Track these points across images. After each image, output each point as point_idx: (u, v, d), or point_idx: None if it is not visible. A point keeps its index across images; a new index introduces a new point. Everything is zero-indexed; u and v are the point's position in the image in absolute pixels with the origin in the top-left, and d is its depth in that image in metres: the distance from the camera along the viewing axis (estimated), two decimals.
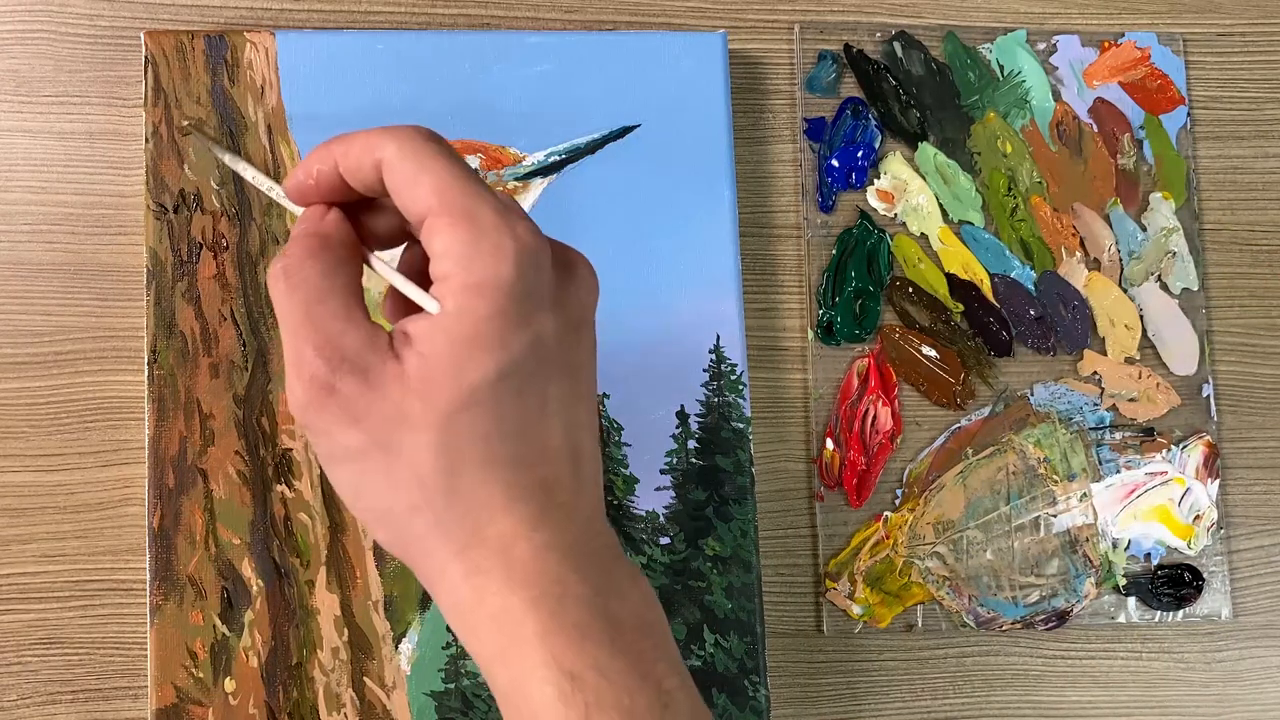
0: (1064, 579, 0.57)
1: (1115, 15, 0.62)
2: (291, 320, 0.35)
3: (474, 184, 0.35)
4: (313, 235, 0.36)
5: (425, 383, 0.33)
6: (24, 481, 0.52)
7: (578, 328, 0.36)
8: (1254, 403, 0.61)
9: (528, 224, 0.35)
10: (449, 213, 0.34)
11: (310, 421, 0.35)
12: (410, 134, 0.35)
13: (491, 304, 0.33)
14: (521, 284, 0.34)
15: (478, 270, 0.33)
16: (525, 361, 0.34)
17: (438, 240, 0.34)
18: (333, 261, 0.35)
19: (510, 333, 0.34)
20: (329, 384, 0.34)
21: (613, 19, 0.58)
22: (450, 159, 0.35)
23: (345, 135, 0.36)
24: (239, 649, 0.50)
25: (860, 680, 0.56)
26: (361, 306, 0.35)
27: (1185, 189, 0.61)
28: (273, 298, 0.35)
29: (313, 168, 0.37)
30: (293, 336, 0.35)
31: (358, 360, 0.34)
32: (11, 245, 0.54)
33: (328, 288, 0.35)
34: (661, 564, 0.53)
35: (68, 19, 0.55)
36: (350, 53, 0.54)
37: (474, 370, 0.33)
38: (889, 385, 0.58)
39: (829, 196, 0.59)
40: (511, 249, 0.34)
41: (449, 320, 0.34)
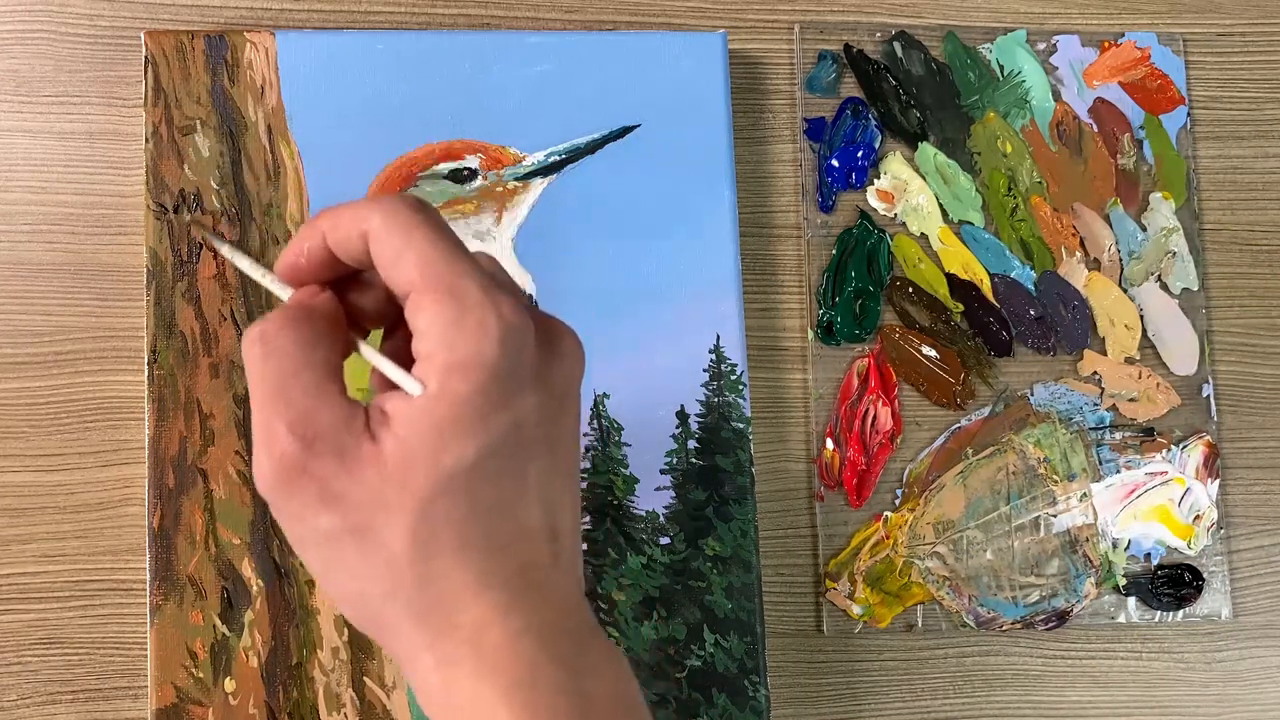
0: (1064, 579, 0.57)
1: (1115, 15, 0.62)
2: (263, 390, 0.33)
3: (459, 258, 0.34)
4: (296, 306, 0.35)
5: (402, 467, 0.33)
6: (24, 481, 0.52)
7: (561, 402, 0.35)
8: (1254, 403, 0.61)
9: (513, 300, 0.34)
10: (433, 288, 0.33)
11: (279, 502, 0.34)
12: (396, 206, 0.34)
13: (473, 384, 0.33)
14: (505, 363, 0.33)
15: (460, 350, 0.33)
16: (505, 442, 0.33)
17: (421, 317, 0.33)
18: (312, 333, 0.34)
19: (491, 414, 0.33)
20: (301, 465, 0.33)
21: (613, 19, 0.58)
22: (436, 231, 0.34)
23: (333, 208, 0.35)
24: (239, 649, 0.50)
25: (860, 680, 0.56)
26: (339, 381, 0.34)
27: (1185, 189, 0.61)
28: (246, 364, 0.34)
29: (303, 245, 0.36)
30: (264, 408, 0.33)
31: (333, 440, 0.33)
32: (11, 245, 0.54)
33: (304, 360, 0.34)
34: (661, 564, 0.53)
35: (68, 19, 0.55)
36: (350, 53, 0.54)
37: (452, 454, 0.33)
38: (889, 385, 0.58)
39: (829, 196, 0.59)
40: (495, 327, 0.33)
41: (429, 402, 0.33)
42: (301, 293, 0.36)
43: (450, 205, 0.54)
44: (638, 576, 0.53)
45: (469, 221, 0.54)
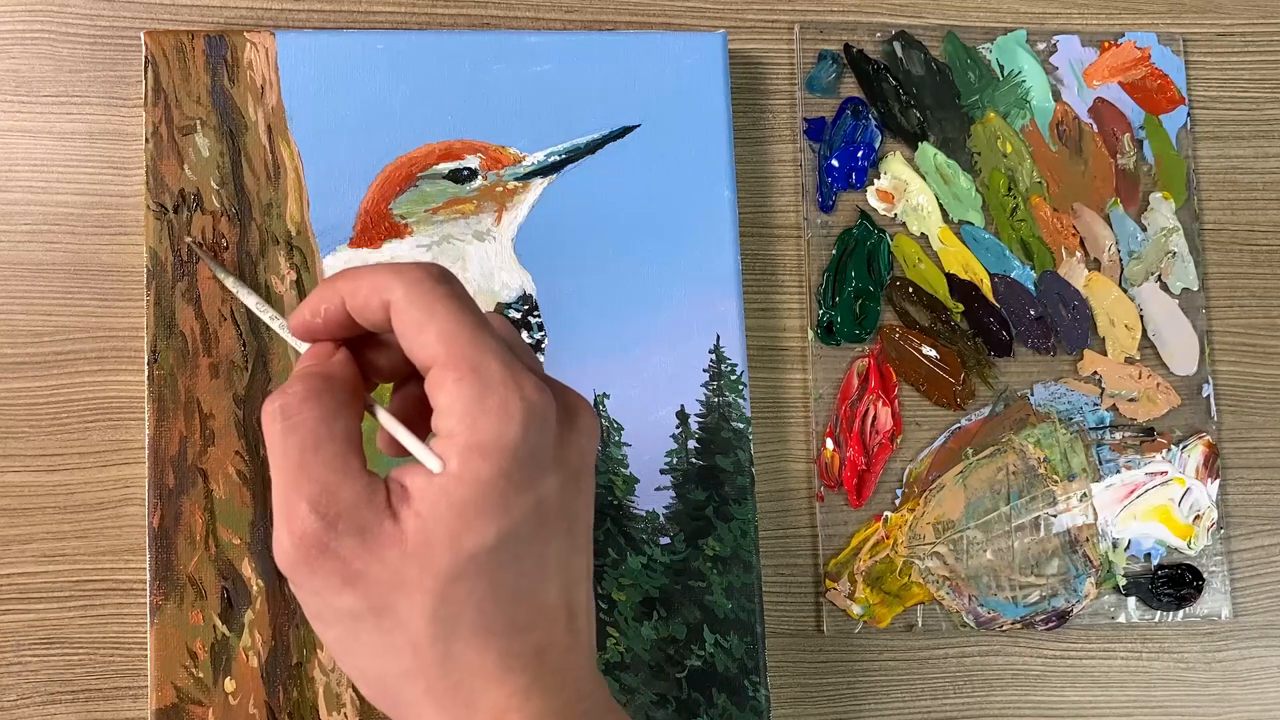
0: (1064, 579, 0.57)
1: (1115, 15, 0.62)
2: (285, 465, 0.33)
3: (482, 334, 0.33)
4: (315, 376, 0.35)
5: (423, 547, 0.32)
6: (24, 481, 0.52)
7: (578, 478, 0.35)
8: (1254, 403, 0.61)
9: (535, 380, 0.34)
10: (455, 366, 0.33)
11: (300, 580, 0.34)
12: (419, 276, 0.34)
13: (495, 467, 0.32)
14: (526, 445, 0.33)
15: (482, 430, 0.32)
16: (526, 524, 0.33)
17: (443, 395, 0.33)
18: (333, 405, 0.34)
19: (513, 496, 0.33)
20: (323, 543, 0.33)
21: (613, 19, 0.58)
22: (459, 304, 0.34)
23: (353, 272, 0.35)
24: (239, 649, 0.50)
25: (860, 680, 0.56)
26: (359, 455, 0.34)
27: (1185, 189, 0.61)
28: (266, 437, 0.34)
29: (319, 305, 0.36)
30: (285, 484, 0.33)
31: (354, 518, 0.33)
32: (11, 245, 0.54)
33: (325, 433, 0.34)
34: (661, 564, 0.53)
35: (68, 19, 0.55)
36: (350, 53, 0.54)
37: (474, 537, 0.32)
38: (889, 385, 0.58)
39: (829, 196, 0.59)
40: (519, 409, 0.33)
41: (450, 481, 0.33)
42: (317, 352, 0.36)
43: (450, 205, 0.54)
44: (638, 576, 0.53)
45: (469, 221, 0.54)
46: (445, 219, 0.54)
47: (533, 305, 0.54)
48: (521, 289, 0.54)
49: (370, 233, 0.53)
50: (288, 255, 0.53)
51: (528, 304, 0.54)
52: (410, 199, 0.54)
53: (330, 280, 0.36)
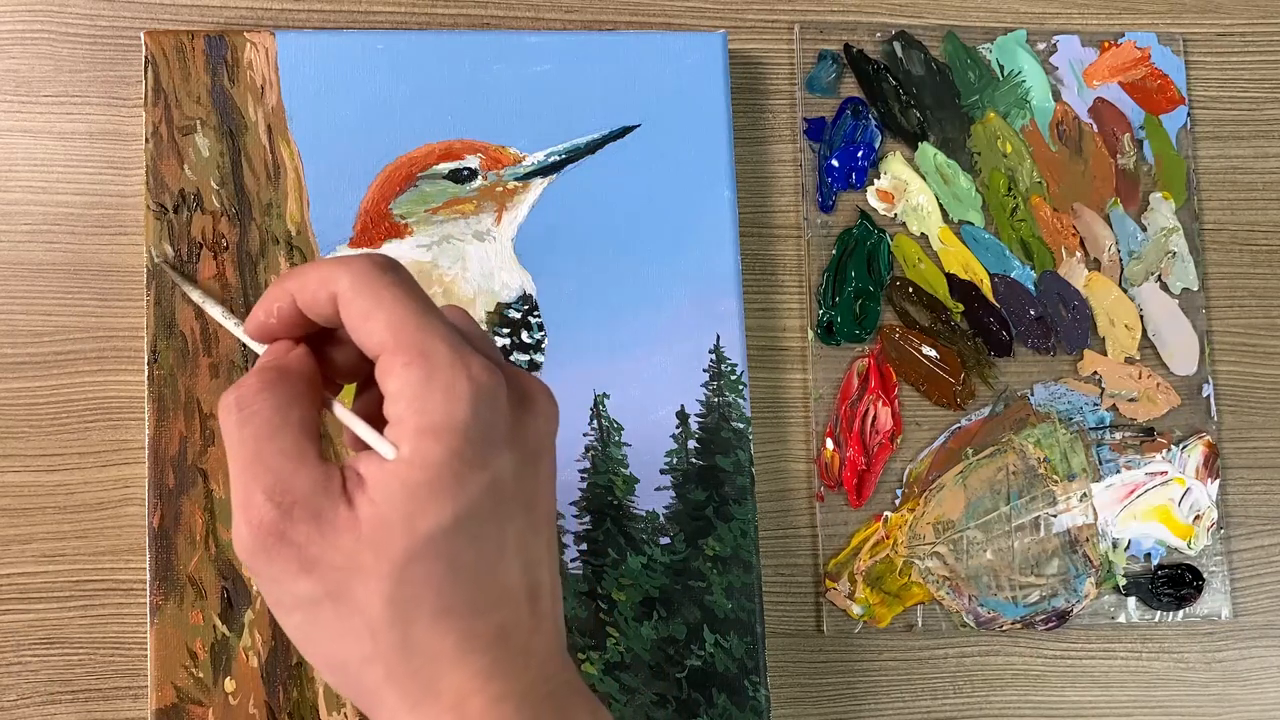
0: (1064, 579, 0.57)
1: (1115, 15, 0.62)
2: (241, 455, 0.34)
3: (429, 318, 0.34)
4: (270, 369, 0.35)
5: (378, 531, 0.32)
6: (24, 481, 0.52)
7: (536, 459, 0.35)
8: (1254, 403, 0.61)
9: (482, 360, 0.34)
10: (403, 351, 0.33)
11: (258, 568, 0.34)
12: (364, 266, 0.34)
13: (446, 447, 0.32)
14: (476, 425, 0.33)
15: (431, 412, 0.33)
16: (481, 504, 0.33)
17: (391, 380, 0.33)
18: (288, 395, 0.34)
19: (466, 476, 0.33)
20: (279, 530, 0.33)
21: (613, 19, 0.58)
22: (405, 291, 0.34)
23: (301, 269, 0.35)
24: (239, 649, 0.50)
25: (860, 680, 0.56)
26: (315, 443, 0.34)
27: (1185, 189, 0.61)
28: (222, 429, 0.34)
29: (272, 305, 0.36)
30: (241, 474, 0.33)
31: (309, 505, 0.33)
32: (11, 245, 0.54)
33: (280, 423, 0.34)
34: (661, 564, 0.53)
35: (68, 19, 0.55)
36: (350, 53, 0.54)
37: (428, 518, 0.32)
38: (889, 385, 0.58)
39: (829, 196, 0.59)
40: (466, 390, 0.33)
41: (402, 466, 0.33)
42: (274, 349, 0.36)
43: (450, 205, 0.54)
44: (638, 576, 0.53)
45: (469, 221, 0.54)
46: (445, 219, 0.54)
47: (533, 305, 0.54)
48: (521, 289, 0.54)
49: (370, 233, 0.53)
50: (288, 255, 0.53)
51: (528, 304, 0.54)
52: (410, 199, 0.54)
53: (280, 279, 0.36)
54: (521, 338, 0.53)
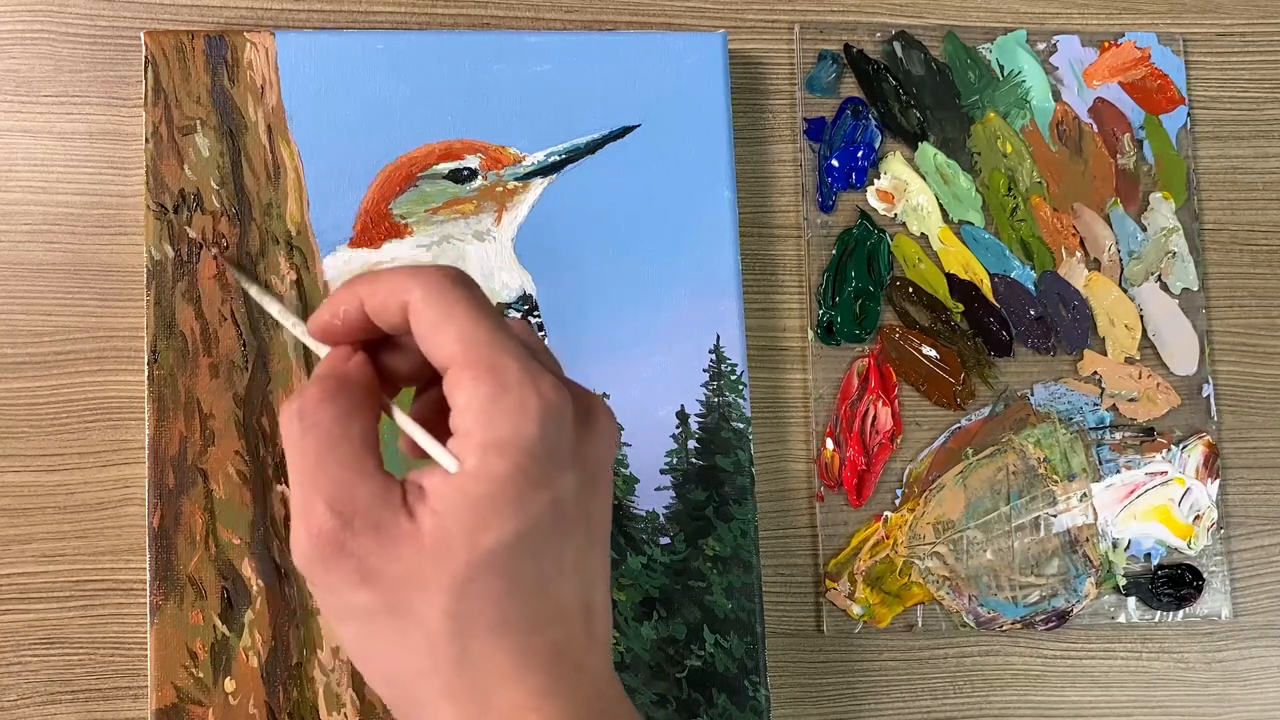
0: (1064, 579, 0.57)
1: (1115, 15, 0.62)
2: (302, 465, 0.34)
3: (500, 334, 0.34)
4: (331, 378, 0.35)
5: (440, 545, 0.32)
6: (24, 481, 0.52)
7: (595, 479, 0.35)
8: (1254, 403, 0.61)
9: (552, 378, 0.34)
10: (472, 365, 0.33)
11: (317, 578, 0.34)
12: (437, 278, 0.34)
13: (512, 463, 0.32)
14: (543, 443, 0.33)
15: (499, 428, 0.33)
16: (543, 522, 0.33)
17: (460, 393, 0.33)
18: (349, 406, 0.34)
19: (529, 493, 0.33)
20: (339, 541, 0.33)
21: (613, 19, 0.58)
22: (477, 305, 0.34)
23: (372, 275, 0.35)
24: (239, 649, 0.50)
25: (860, 680, 0.56)
26: (376, 455, 0.34)
27: (1185, 189, 0.61)
28: (284, 439, 0.34)
29: (338, 307, 0.36)
30: (302, 484, 0.33)
31: (370, 516, 0.33)
32: (11, 245, 0.54)
33: (341, 434, 0.34)
34: (661, 564, 0.53)
35: (68, 19, 0.55)
36: (350, 53, 0.54)
37: (491, 534, 0.32)
38: (889, 385, 0.58)
39: (829, 196, 0.59)
40: (535, 407, 0.33)
41: (467, 480, 0.33)
42: (334, 356, 0.36)
43: (450, 205, 0.54)
44: (638, 576, 0.53)
45: (469, 221, 0.54)
46: (445, 219, 0.54)
47: (533, 305, 0.54)
48: (521, 289, 0.54)
49: (370, 233, 0.53)
50: (288, 255, 0.53)
51: (528, 304, 0.54)
52: (410, 199, 0.54)
53: (349, 283, 0.36)
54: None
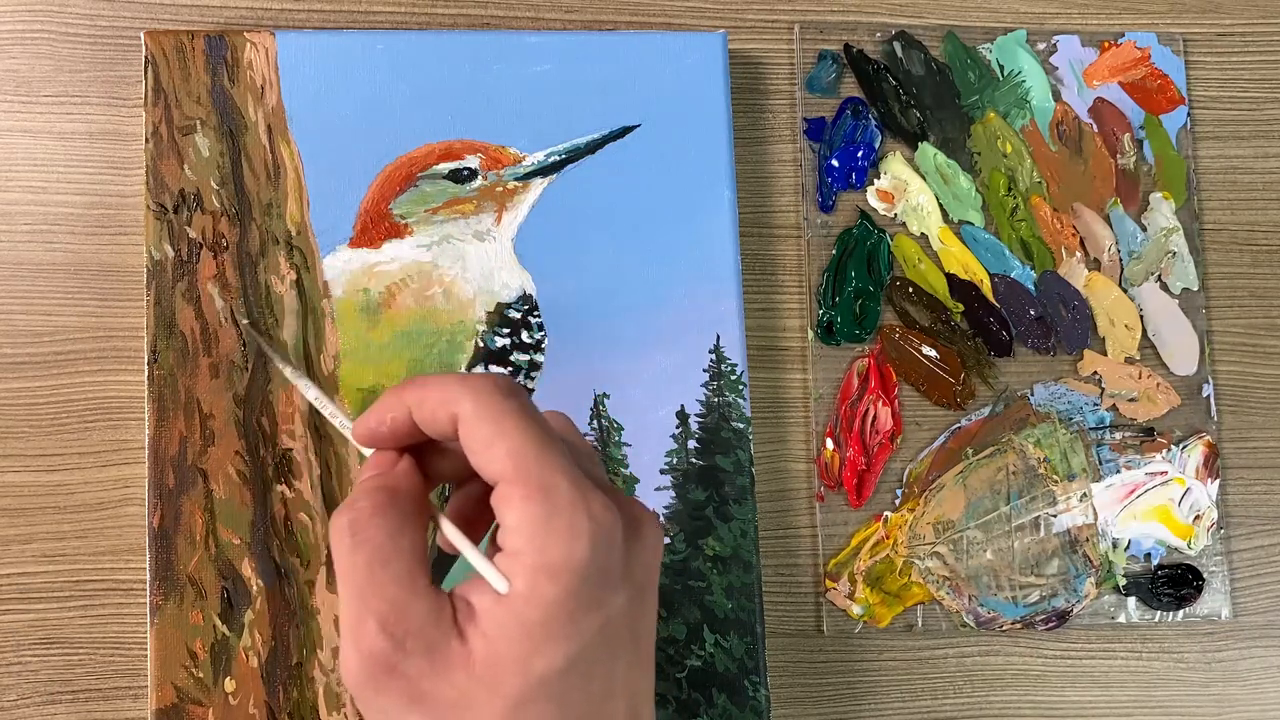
0: (1064, 579, 0.57)
1: (1115, 15, 0.62)
2: (354, 581, 0.34)
3: (550, 451, 0.34)
4: (381, 490, 0.35)
5: (491, 669, 0.32)
6: (24, 481, 0.52)
7: (643, 592, 0.35)
8: (1254, 403, 0.61)
9: (602, 498, 0.34)
10: (523, 483, 0.33)
11: (367, 699, 0.33)
12: (488, 390, 0.34)
13: (563, 588, 0.32)
14: (594, 565, 0.33)
15: (550, 551, 0.32)
16: (594, 645, 0.33)
17: (510, 513, 0.33)
18: (399, 519, 0.34)
19: (581, 617, 0.33)
20: (391, 664, 0.33)
21: (613, 19, 0.58)
22: (527, 420, 0.34)
23: (420, 381, 0.35)
24: (239, 649, 0.50)
25: (860, 680, 0.56)
26: (425, 570, 0.34)
27: (1185, 189, 0.61)
28: (334, 553, 0.34)
29: (385, 414, 0.36)
30: (353, 600, 0.33)
31: (422, 636, 0.33)
32: (11, 245, 0.54)
33: (393, 549, 0.34)
34: (662, 564, 0.53)
35: (68, 19, 0.55)
36: (350, 53, 0.54)
37: (542, 660, 0.32)
38: (889, 385, 0.58)
39: (829, 196, 0.59)
40: (587, 530, 0.33)
41: (518, 603, 0.33)
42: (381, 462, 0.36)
43: (450, 205, 0.54)
44: None
45: (469, 221, 0.54)
46: (445, 219, 0.54)
47: (533, 305, 0.54)
48: (521, 289, 0.54)
49: (370, 233, 0.53)
50: (288, 255, 0.53)
51: (528, 304, 0.54)
52: (410, 199, 0.54)
53: (397, 389, 0.36)
54: (521, 338, 0.53)
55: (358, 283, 0.53)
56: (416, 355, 0.53)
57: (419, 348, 0.53)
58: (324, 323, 0.53)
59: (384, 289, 0.53)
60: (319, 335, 0.52)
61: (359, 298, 0.53)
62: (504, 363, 0.53)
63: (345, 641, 0.33)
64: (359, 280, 0.53)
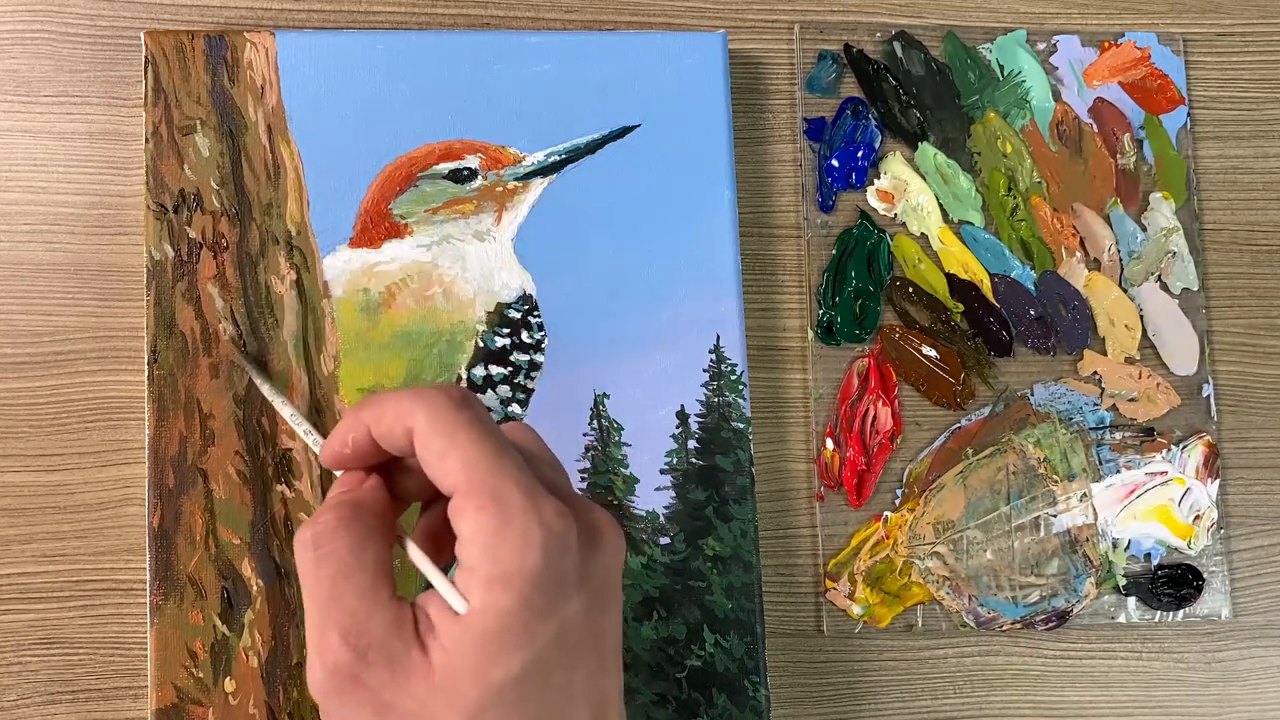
0: (1064, 579, 0.57)
1: (1115, 15, 0.62)
2: (317, 594, 0.34)
3: (503, 460, 0.34)
4: (346, 504, 0.36)
5: (450, 680, 0.33)
6: (24, 481, 0.52)
7: (604, 597, 0.36)
8: (1254, 403, 0.61)
9: (555, 505, 0.34)
10: (476, 494, 0.33)
11: (331, 709, 0.34)
12: (441, 402, 0.35)
13: (517, 596, 0.33)
14: (547, 572, 0.33)
15: (503, 560, 0.33)
16: (551, 651, 0.33)
17: (464, 523, 0.34)
18: (363, 533, 0.35)
19: (536, 624, 0.33)
20: (354, 675, 0.33)
21: (613, 19, 0.58)
22: (480, 430, 0.34)
23: (378, 399, 0.36)
24: (239, 649, 0.50)
25: (860, 680, 0.56)
26: (389, 583, 0.35)
27: (1185, 189, 0.61)
28: (299, 567, 0.35)
29: (347, 435, 0.36)
30: (317, 613, 0.34)
31: (384, 649, 0.33)
32: (11, 245, 0.54)
33: (355, 563, 0.34)
34: (661, 564, 0.53)
35: (68, 19, 0.55)
36: (350, 53, 0.54)
37: (499, 669, 0.33)
38: (889, 385, 0.58)
39: (829, 196, 0.59)
40: (539, 537, 0.33)
41: (474, 616, 0.33)
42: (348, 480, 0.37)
43: (450, 205, 0.54)
44: (638, 576, 0.53)
45: (469, 221, 0.54)
46: (445, 219, 0.54)
47: (533, 305, 0.54)
48: (521, 289, 0.54)
49: (370, 233, 0.53)
50: (288, 255, 0.53)
51: (528, 304, 0.54)
52: (410, 199, 0.54)
53: (356, 409, 0.36)
54: (521, 338, 0.53)
55: (358, 283, 0.53)
56: (416, 355, 0.53)
57: (419, 348, 0.53)
58: (324, 323, 0.53)
59: (384, 289, 0.53)
60: (319, 335, 0.52)
61: (359, 298, 0.53)
62: (504, 363, 0.53)
63: (310, 653, 0.34)
64: (359, 280, 0.53)
